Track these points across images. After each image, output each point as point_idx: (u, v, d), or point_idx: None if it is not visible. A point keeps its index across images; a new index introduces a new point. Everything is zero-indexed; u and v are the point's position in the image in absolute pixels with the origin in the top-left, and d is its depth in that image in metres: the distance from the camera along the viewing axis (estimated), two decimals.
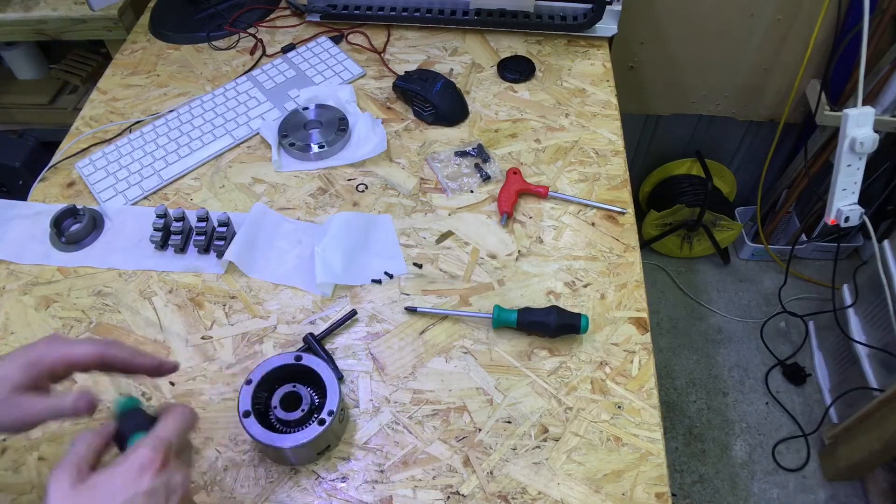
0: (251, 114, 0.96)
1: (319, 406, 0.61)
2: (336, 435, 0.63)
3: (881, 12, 1.27)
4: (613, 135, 0.93)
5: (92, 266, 0.79)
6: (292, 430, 0.60)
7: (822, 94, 1.37)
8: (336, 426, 0.61)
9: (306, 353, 0.63)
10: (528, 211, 0.84)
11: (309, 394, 0.62)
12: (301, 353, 0.63)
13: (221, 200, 0.86)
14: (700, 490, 1.46)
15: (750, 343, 1.71)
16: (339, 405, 0.60)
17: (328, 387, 0.61)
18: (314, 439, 0.58)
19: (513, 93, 0.99)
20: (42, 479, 0.63)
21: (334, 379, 0.61)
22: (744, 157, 1.73)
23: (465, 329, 0.73)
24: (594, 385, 0.68)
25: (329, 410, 0.59)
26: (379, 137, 0.90)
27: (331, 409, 0.59)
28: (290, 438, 0.58)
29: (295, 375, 0.62)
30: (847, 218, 1.14)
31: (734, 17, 1.37)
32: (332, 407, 0.59)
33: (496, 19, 1.07)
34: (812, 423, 1.54)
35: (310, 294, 0.76)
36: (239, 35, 1.10)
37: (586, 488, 0.61)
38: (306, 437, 0.58)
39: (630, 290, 0.76)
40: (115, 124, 0.96)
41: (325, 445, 0.62)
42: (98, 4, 1.11)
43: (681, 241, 1.81)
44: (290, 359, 0.62)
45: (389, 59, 1.05)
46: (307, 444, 0.58)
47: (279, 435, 0.59)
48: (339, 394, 0.60)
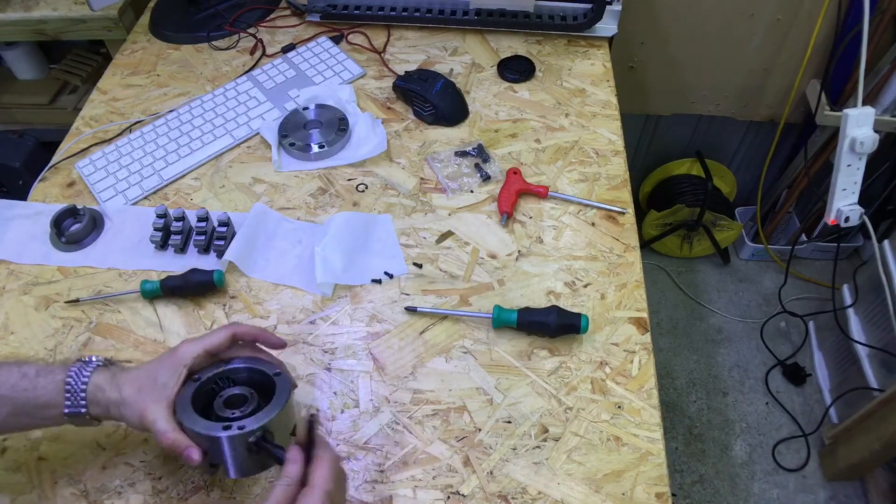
0: (251, 114, 0.96)
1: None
2: (238, 459, 0.53)
3: (881, 12, 1.27)
4: (613, 135, 0.93)
5: (92, 266, 0.79)
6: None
7: (822, 94, 1.37)
8: (239, 449, 0.53)
9: (286, 374, 0.58)
10: (528, 211, 0.84)
11: (256, 405, 0.56)
12: (281, 371, 0.58)
13: (221, 200, 0.86)
14: (700, 490, 1.46)
15: (750, 343, 1.71)
16: (257, 430, 0.52)
17: (266, 409, 0.54)
18: (208, 437, 0.52)
19: (513, 93, 0.99)
20: (42, 479, 0.63)
21: (279, 408, 0.54)
22: (744, 157, 1.73)
23: (465, 329, 0.73)
24: (594, 385, 0.68)
25: (241, 425, 0.52)
26: (379, 137, 0.90)
27: (243, 426, 0.52)
28: (193, 419, 0.53)
29: (264, 389, 0.58)
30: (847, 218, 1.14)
31: (734, 17, 1.37)
32: (249, 426, 0.52)
33: (496, 19, 1.07)
34: (812, 423, 1.54)
35: (310, 294, 0.76)
36: (239, 35, 1.10)
37: (586, 488, 0.61)
38: (203, 429, 0.52)
39: (630, 290, 0.76)
40: (115, 124, 0.96)
41: (220, 460, 0.54)
42: (98, 4, 1.11)
43: (681, 241, 1.81)
44: (270, 371, 0.58)
45: (389, 59, 1.05)
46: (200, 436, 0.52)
47: (191, 411, 0.53)
48: (269, 423, 0.53)
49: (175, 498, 0.61)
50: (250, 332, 0.59)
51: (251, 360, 0.59)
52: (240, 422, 0.53)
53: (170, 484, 0.62)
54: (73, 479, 0.62)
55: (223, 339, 0.57)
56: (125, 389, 0.54)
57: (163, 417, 0.53)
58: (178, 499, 0.61)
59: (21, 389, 0.53)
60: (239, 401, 0.57)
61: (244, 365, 0.59)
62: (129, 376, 0.55)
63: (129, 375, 0.55)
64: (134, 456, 0.64)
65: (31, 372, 0.54)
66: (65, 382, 0.54)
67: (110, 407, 0.55)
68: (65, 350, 0.71)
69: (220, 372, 0.58)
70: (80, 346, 0.72)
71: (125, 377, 0.55)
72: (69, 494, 0.62)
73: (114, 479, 0.62)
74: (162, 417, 0.53)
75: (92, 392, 0.54)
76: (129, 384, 0.55)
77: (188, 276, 0.75)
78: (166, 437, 0.52)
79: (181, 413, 0.54)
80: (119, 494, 0.61)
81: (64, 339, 0.72)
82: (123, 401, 0.54)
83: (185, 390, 0.55)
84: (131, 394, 0.54)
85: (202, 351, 0.56)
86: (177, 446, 0.52)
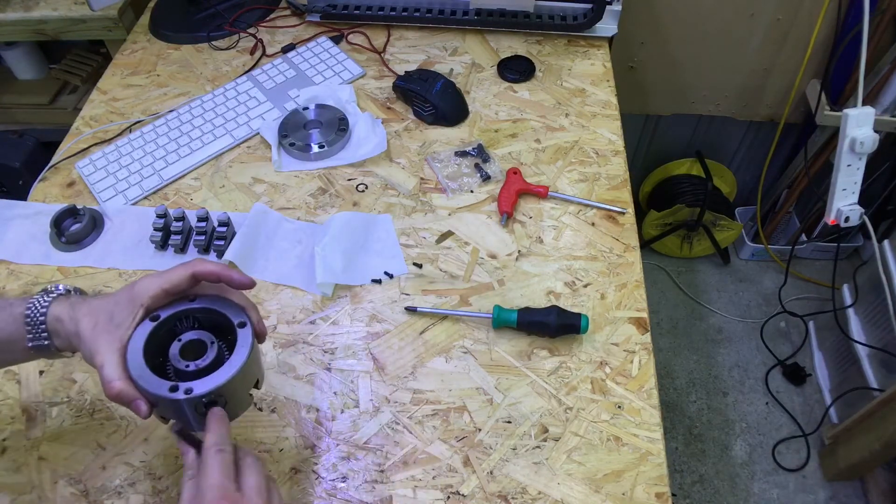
0: (251, 114, 0.96)
1: None
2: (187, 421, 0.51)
3: (881, 12, 1.27)
4: (613, 135, 0.93)
5: (92, 266, 0.79)
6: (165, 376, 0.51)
7: (822, 94, 1.37)
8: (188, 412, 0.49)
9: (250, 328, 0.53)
10: (528, 211, 0.84)
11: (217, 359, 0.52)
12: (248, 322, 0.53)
13: (221, 200, 0.86)
14: (700, 490, 1.46)
15: (750, 343, 1.71)
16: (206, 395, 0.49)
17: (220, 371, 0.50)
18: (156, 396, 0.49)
19: (513, 93, 0.99)
20: (42, 479, 0.63)
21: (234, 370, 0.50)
22: (744, 157, 1.73)
23: (465, 329, 0.73)
24: (594, 385, 0.68)
25: (188, 388, 0.49)
26: (379, 137, 0.90)
27: (190, 388, 0.49)
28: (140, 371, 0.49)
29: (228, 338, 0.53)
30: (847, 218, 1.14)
31: (734, 17, 1.37)
32: (198, 390, 0.48)
33: (496, 19, 1.07)
34: (812, 423, 1.54)
35: (310, 294, 0.76)
36: (239, 35, 1.10)
37: (586, 488, 0.61)
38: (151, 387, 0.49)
39: (630, 290, 0.76)
40: (115, 124, 0.96)
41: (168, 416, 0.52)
42: (98, 4, 1.11)
43: (681, 241, 1.81)
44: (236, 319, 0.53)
45: (389, 59, 1.05)
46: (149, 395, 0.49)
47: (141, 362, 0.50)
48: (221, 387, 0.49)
49: (175, 498, 0.61)
50: (213, 271, 0.53)
51: (217, 300, 0.54)
52: (189, 383, 0.49)
53: (170, 484, 0.62)
54: (73, 479, 0.62)
55: (182, 278, 0.52)
56: (82, 323, 0.51)
57: (112, 363, 0.49)
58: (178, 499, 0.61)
59: None
60: (197, 348, 0.52)
61: (208, 306, 0.54)
62: (87, 308, 0.51)
63: (87, 307, 0.52)
64: (134, 456, 0.64)
65: None
66: (24, 315, 0.51)
67: (70, 339, 0.52)
68: None
69: (181, 311, 0.53)
70: None
71: (83, 309, 0.51)
72: (69, 494, 0.62)
73: (114, 479, 0.62)
74: (111, 363, 0.49)
75: (52, 323, 0.52)
76: (86, 317, 0.51)
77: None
78: (112, 387, 0.48)
79: (132, 360, 0.50)
80: (119, 494, 0.61)
81: None
82: (79, 335, 0.50)
83: (141, 330, 0.51)
84: (87, 329, 0.50)
85: (160, 290, 0.52)
86: (123, 398, 0.49)
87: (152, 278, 0.52)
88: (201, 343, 0.52)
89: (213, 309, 0.54)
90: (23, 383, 0.69)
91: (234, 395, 0.52)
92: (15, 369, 0.70)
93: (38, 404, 0.68)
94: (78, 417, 0.66)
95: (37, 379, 0.70)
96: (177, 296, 0.53)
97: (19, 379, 0.70)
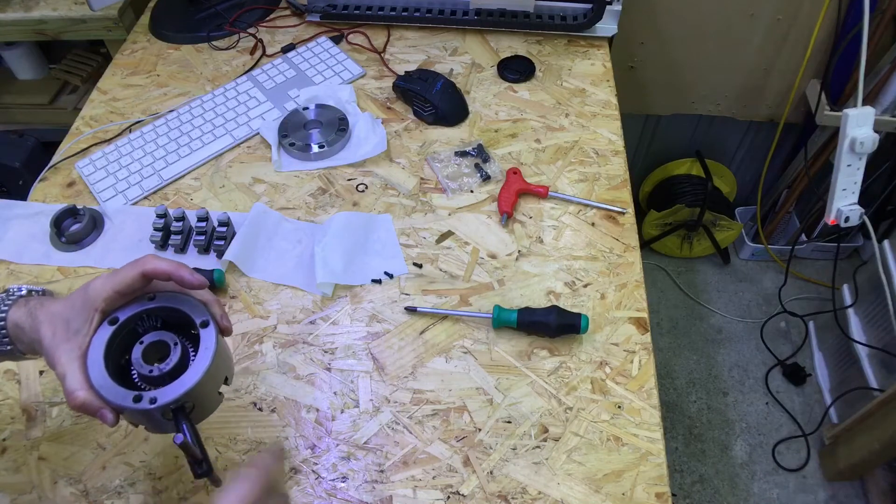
0: (251, 114, 0.96)
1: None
2: (155, 425, 0.50)
3: (881, 12, 1.27)
4: (613, 135, 0.93)
5: (92, 266, 0.79)
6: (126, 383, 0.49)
7: (822, 94, 1.37)
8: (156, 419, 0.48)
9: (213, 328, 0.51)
10: (528, 211, 0.84)
11: (182, 360, 0.49)
12: (210, 321, 0.51)
13: (221, 200, 0.86)
14: (700, 490, 1.46)
15: (750, 343, 1.71)
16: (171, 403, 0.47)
17: (184, 376, 0.48)
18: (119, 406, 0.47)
19: (513, 93, 0.99)
20: (42, 479, 0.63)
21: (198, 375, 0.48)
22: (744, 157, 1.73)
23: (465, 329, 0.73)
24: (594, 385, 0.68)
25: (153, 398, 0.47)
26: (379, 137, 0.90)
27: (155, 398, 0.47)
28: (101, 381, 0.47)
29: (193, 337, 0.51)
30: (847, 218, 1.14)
31: (734, 17, 1.37)
32: (161, 399, 0.46)
33: (496, 19, 1.07)
34: (812, 423, 1.54)
35: (310, 294, 0.76)
36: (239, 35, 1.10)
37: (586, 488, 0.61)
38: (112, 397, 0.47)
39: (630, 290, 0.76)
40: (115, 124, 0.96)
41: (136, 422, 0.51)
42: (98, 4, 1.11)
43: (681, 241, 1.81)
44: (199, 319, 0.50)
45: (389, 59, 1.05)
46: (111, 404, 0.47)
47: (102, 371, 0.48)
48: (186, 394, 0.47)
49: (175, 498, 0.61)
50: (164, 270, 0.50)
51: (177, 298, 0.51)
52: (153, 392, 0.47)
53: (170, 484, 0.62)
54: (73, 479, 0.62)
55: (132, 279, 0.49)
56: (42, 330, 0.49)
57: (73, 373, 0.47)
58: (178, 499, 0.61)
59: None
60: (161, 349, 0.50)
61: (167, 304, 0.51)
62: (44, 314, 0.49)
63: (45, 313, 0.49)
64: (134, 456, 0.64)
65: None
66: None
67: (33, 345, 0.50)
68: None
69: (140, 311, 0.51)
70: None
71: (42, 314, 0.49)
72: (69, 494, 0.62)
73: (114, 479, 0.62)
74: (72, 372, 0.47)
75: (12, 329, 0.50)
76: (44, 325, 0.49)
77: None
78: (75, 399, 0.46)
79: (93, 369, 0.47)
80: (119, 494, 0.61)
81: None
82: (41, 343, 0.49)
83: (100, 336, 0.49)
84: (47, 337, 0.48)
85: (112, 293, 0.49)
86: (87, 408, 0.47)
87: (104, 280, 0.50)
88: (164, 344, 0.50)
89: (178, 310, 0.51)
90: (23, 383, 0.69)
91: (202, 398, 0.50)
92: (15, 369, 0.70)
93: (38, 404, 0.68)
94: (78, 417, 0.66)
95: (37, 379, 0.70)
96: (132, 296, 0.51)
97: (19, 379, 0.70)
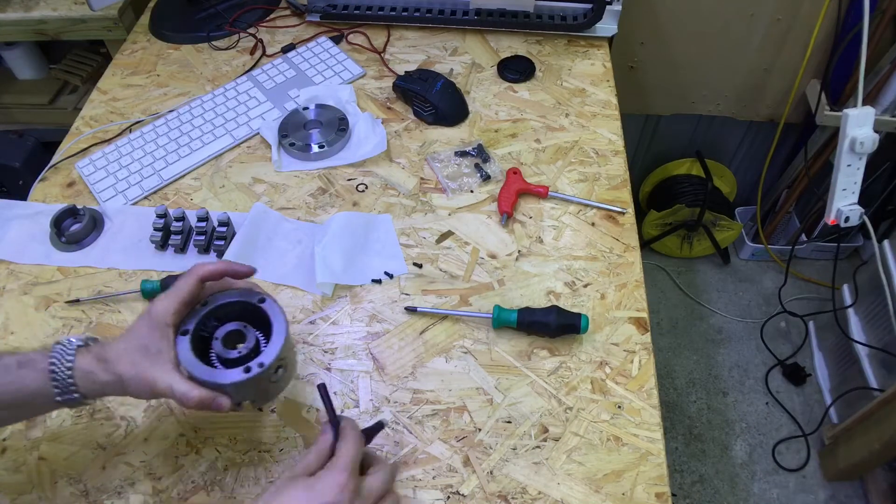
0: (251, 114, 0.96)
1: None
2: (265, 391, 0.57)
3: (881, 12, 1.27)
4: (613, 135, 0.93)
5: (92, 266, 0.79)
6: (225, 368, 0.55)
7: (822, 94, 1.37)
8: (265, 382, 0.56)
9: (272, 300, 0.58)
10: (528, 211, 0.84)
11: (256, 338, 0.57)
12: (266, 297, 0.58)
13: (221, 200, 0.86)
14: (700, 490, 1.46)
15: (750, 343, 1.71)
16: (274, 362, 0.54)
17: (273, 339, 0.56)
18: (234, 384, 0.53)
19: (513, 93, 0.99)
20: (42, 479, 0.63)
21: (283, 334, 0.56)
22: (744, 157, 1.73)
23: (465, 329, 0.73)
24: (594, 385, 0.68)
25: (260, 362, 0.54)
26: (379, 137, 0.90)
27: (262, 362, 0.54)
28: (211, 373, 0.53)
29: (253, 318, 0.58)
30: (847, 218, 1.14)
31: (734, 17, 1.37)
32: (265, 360, 0.54)
33: (496, 19, 1.07)
34: (812, 423, 1.54)
35: (310, 294, 0.76)
36: (239, 35, 1.10)
37: (586, 488, 0.61)
38: (227, 379, 0.53)
39: (630, 290, 0.76)
40: (115, 124, 0.96)
41: (248, 397, 0.56)
42: (98, 4, 1.11)
43: (681, 241, 1.81)
44: (254, 299, 0.58)
45: (389, 59, 1.05)
46: (226, 386, 0.53)
47: (205, 367, 0.54)
48: (281, 351, 0.55)
49: (175, 498, 0.61)
50: (216, 270, 0.57)
51: (225, 294, 0.58)
52: (256, 359, 0.54)
53: (170, 484, 0.62)
54: (73, 479, 0.62)
55: (193, 287, 0.55)
56: (119, 367, 0.52)
57: (177, 381, 0.52)
58: (178, 499, 0.61)
59: (6, 384, 0.52)
60: (236, 337, 0.56)
61: (225, 301, 0.57)
62: (115, 353, 0.53)
63: (115, 352, 0.53)
64: (134, 456, 0.64)
65: (11, 364, 0.53)
66: (49, 371, 0.52)
67: (106, 388, 0.53)
68: None
69: (203, 316, 0.56)
70: None
71: (111, 355, 0.53)
72: (69, 494, 0.62)
73: (114, 479, 0.62)
74: (177, 381, 0.52)
75: (80, 377, 0.53)
76: (120, 363, 0.53)
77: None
78: (191, 397, 0.52)
79: (192, 369, 0.53)
80: (119, 494, 0.61)
81: None
82: (123, 380, 0.52)
83: (181, 346, 0.54)
84: (129, 370, 0.52)
85: (178, 305, 0.55)
86: (204, 401, 0.52)
87: (165, 299, 0.54)
88: (237, 333, 0.56)
89: (229, 302, 0.57)
90: None
91: (291, 355, 0.58)
92: None
93: None
94: (78, 417, 0.66)
95: None
96: (192, 304, 0.56)
97: None
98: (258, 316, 0.57)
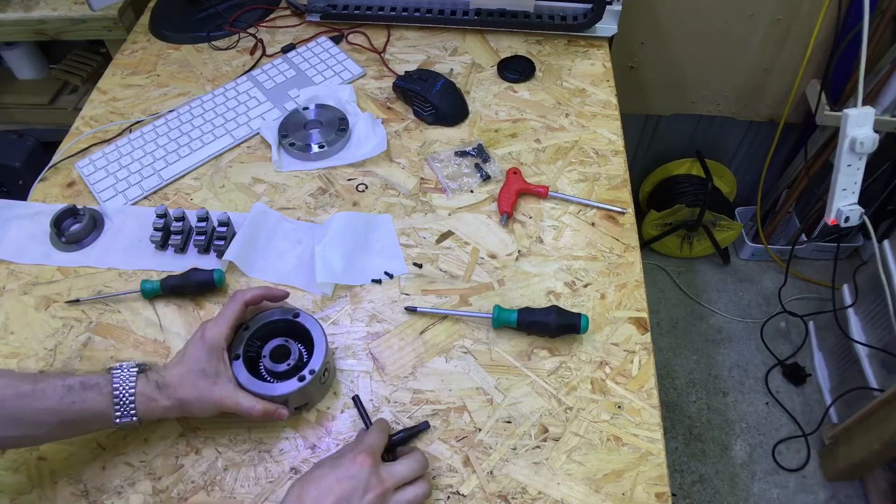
0: (251, 114, 0.96)
1: (307, 363, 0.64)
2: (315, 394, 0.66)
3: (881, 12, 1.27)
4: (613, 135, 0.93)
5: (92, 266, 0.79)
6: (277, 381, 0.62)
7: (822, 94, 1.37)
8: (316, 385, 0.64)
9: (304, 313, 0.66)
10: (528, 211, 0.84)
11: (298, 349, 0.64)
12: (299, 311, 0.66)
13: (221, 200, 0.86)
14: (700, 490, 1.46)
15: (750, 343, 1.71)
16: (322, 366, 0.63)
17: (316, 348, 0.63)
18: (292, 393, 0.61)
19: (513, 93, 0.99)
20: (42, 479, 0.63)
21: (324, 342, 0.64)
22: (744, 157, 1.73)
23: (465, 329, 0.73)
24: (594, 385, 0.68)
25: (311, 369, 0.62)
26: (379, 137, 0.90)
27: (313, 369, 0.62)
28: (269, 387, 0.61)
29: (290, 332, 0.66)
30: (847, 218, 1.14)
31: (734, 17, 1.37)
32: (315, 367, 0.62)
33: (496, 19, 1.07)
34: (812, 423, 1.54)
35: (310, 294, 0.76)
36: (239, 35, 1.10)
37: (586, 488, 0.61)
38: (285, 390, 0.61)
39: (630, 290, 0.76)
40: (115, 124, 0.96)
41: (303, 402, 0.65)
42: (98, 4, 1.11)
43: (681, 241, 1.81)
44: (289, 315, 0.65)
45: (389, 59, 1.05)
46: (286, 396, 0.61)
47: (261, 383, 0.61)
48: (325, 356, 0.63)
49: (175, 498, 0.61)
50: (258, 295, 0.64)
51: (265, 315, 0.66)
52: (307, 368, 0.62)
53: (170, 484, 0.62)
54: (73, 479, 0.62)
55: (239, 310, 0.63)
56: (179, 392, 0.58)
57: (242, 397, 0.59)
58: (178, 499, 0.61)
59: (69, 402, 0.55)
60: (283, 351, 0.64)
61: (267, 321, 0.65)
62: (174, 379, 0.59)
63: (172, 378, 0.59)
64: (134, 456, 0.64)
65: (75, 384, 0.56)
66: (113, 395, 0.57)
67: (167, 412, 0.59)
68: (65, 350, 0.71)
69: (249, 337, 0.64)
70: (80, 347, 0.72)
71: (171, 380, 0.59)
72: (69, 494, 0.62)
73: (114, 479, 0.62)
74: (241, 398, 0.59)
75: (140, 402, 0.57)
76: (180, 388, 0.58)
77: (188, 275, 0.75)
78: (257, 411, 0.59)
79: (251, 385, 0.60)
80: (119, 494, 0.61)
81: (64, 339, 0.72)
82: (185, 403, 0.58)
83: (237, 369, 0.61)
84: (191, 393, 0.58)
85: (228, 330, 0.61)
86: (269, 412, 0.59)
87: (216, 325, 0.61)
88: (284, 347, 0.64)
89: (269, 322, 0.65)
90: None
91: (331, 358, 0.69)
92: (15, 368, 0.70)
93: None
94: None
95: None
96: (238, 328, 0.64)
97: None
98: (294, 329, 0.65)
